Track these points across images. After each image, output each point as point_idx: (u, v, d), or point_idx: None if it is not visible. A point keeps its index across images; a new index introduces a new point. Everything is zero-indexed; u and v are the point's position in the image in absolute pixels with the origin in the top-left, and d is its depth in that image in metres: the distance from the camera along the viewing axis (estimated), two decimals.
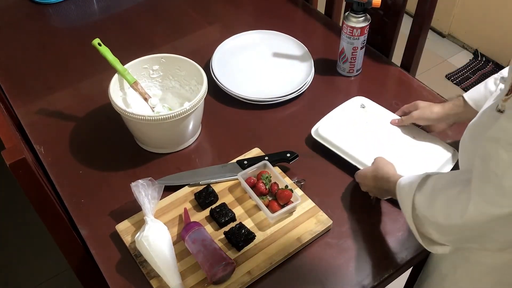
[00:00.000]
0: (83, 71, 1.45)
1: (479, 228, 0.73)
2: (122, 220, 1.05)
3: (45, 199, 1.00)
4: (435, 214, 0.80)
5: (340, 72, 1.41)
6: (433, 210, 0.80)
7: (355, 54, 1.35)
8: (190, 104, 1.11)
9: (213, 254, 0.95)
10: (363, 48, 1.36)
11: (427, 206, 0.82)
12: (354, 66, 1.38)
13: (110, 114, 1.21)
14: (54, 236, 1.06)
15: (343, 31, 1.33)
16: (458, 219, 0.74)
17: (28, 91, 1.39)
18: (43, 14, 1.67)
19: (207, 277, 0.95)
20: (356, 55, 1.36)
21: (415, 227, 0.86)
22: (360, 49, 1.35)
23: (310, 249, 1.03)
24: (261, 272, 0.97)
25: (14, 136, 1.01)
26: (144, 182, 1.01)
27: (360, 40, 1.33)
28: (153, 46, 1.51)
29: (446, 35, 2.95)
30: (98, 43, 1.20)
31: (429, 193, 0.82)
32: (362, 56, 1.38)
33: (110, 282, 0.98)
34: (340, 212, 1.08)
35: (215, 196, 1.08)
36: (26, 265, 1.96)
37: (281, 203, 1.05)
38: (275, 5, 1.69)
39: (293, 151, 1.16)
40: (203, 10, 1.68)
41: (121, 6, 1.70)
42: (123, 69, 1.21)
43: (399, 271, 1.02)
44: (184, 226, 1.02)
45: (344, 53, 1.36)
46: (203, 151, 1.23)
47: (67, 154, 1.21)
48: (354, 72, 1.40)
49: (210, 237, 1.00)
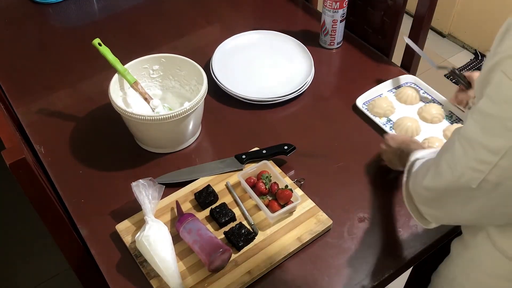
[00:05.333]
0: (83, 71, 1.45)
1: (436, 194, 0.77)
2: (122, 220, 1.05)
3: (45, 199, 1.00)
4: (416, 182, 0.84)
5: (322, 45, 1.50)
6: (415, 180, 0.85)
7: (335, 27, 1.44)
8: (190, 104, 1.11)
9: (209, 243, 0.96)
10: (343, 21, 1.44)
11: (413, 178, 0.87)
12: (335, 38, 1.47)
13: (110, 114, 1.21)
14: (54, 236, 1.06)
15: (324, 4, 1.43)
16: (423, 183, 0.79)
17: (28, 91, 1.39)
18: (43, 14, 1.67)
19: (205, 265, 0.95)
20: (336, 28, 1.45)
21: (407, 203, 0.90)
22: (340, 22, 1.44)
23: (310, 249, 1.03)
24: (261, 272, 0.97)
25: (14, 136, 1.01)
26: (145, 182, 1.01)
27: (339, 13, 1.42)
28: (153, 46, 1.51)
29: (446, 35, 2.95)
30: (98, 43, 1.20)
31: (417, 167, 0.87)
32: (342, 30, 1.47)
33: (110, 282, 0.98)
34: (340, 212, 1.08)
35: (215, 196, 1.08)
36: (26, 265, 1.96)
37: (281, 203, 1.05)
38: (275, 5, 1.69)
39: (290, 143, 1.16)
40: (203, 10, 1.68)
41: (121, 6, 1.70)
42: (123, 69, 1.21)
43: (399, 271, 1.02)
44: (177, 218, 1.03)
45: (325, 26, 1.45)
46: (203, 150, 1.23)
47: (67, 154, 1.21)
48: (334, 45, 1.49)
49: (205, 226, 1.00)
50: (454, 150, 0.69)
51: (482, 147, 0.64)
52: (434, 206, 0.82)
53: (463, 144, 0.68)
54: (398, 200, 1.12)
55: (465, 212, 0.75)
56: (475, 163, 0.66)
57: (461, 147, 0.68)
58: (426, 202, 0.83)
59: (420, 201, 0.85)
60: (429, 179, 0.77)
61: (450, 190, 0.73)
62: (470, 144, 0.66)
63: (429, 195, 0.79)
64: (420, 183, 0.80)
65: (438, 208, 0.81)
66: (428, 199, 0.81)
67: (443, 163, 0.73)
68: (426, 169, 0.79)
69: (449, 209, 0.78)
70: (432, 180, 0.76)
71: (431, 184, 0.77)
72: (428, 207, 0.84)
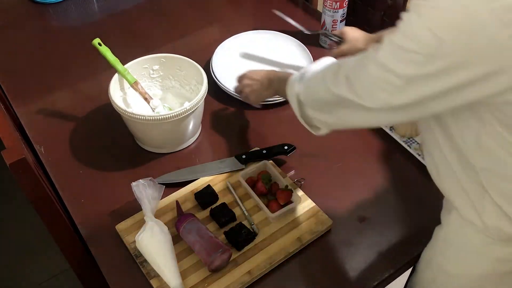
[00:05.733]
0: (83, 71, 1.45)
1: (339, 99, 0.83)
2: (122, 220, 1.05)
3: (45, 199, 1.00)
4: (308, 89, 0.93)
5: (322, 45, 1.50)
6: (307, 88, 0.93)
7: (335, 27, 1.46)
8: (190, 104, 1.11)
9: (209, 243, 0.96)
10: (343, 21, 1.45)
11: (306, 86, 0.93)
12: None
13: (110, 114, 1.21)
14: (54, 236, 1.07)
15: (324, 4, 1.43)
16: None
17: (28, 91, 1.39)
18: (43, 14, 1.67)
19: (205, 265, 0.95)
20: (336, 28, 1.46)
21: (299, 113, 0.96)
22: (340, 22, 1.45)
23: (310, 249, 1.03)
24: (261, 272, 0.97)
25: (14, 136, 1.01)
26: (145, 182, 1.01)
27: (339, 13, 1.43)
28: (153, 46, 1.51)
29: None
30: (98, 43, 1.20)
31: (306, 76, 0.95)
32: None
33: (110, 282, 0.98)
34: (340, 212, 1.08)
35: (215, 196, 1.08)
36: (26, 265, 1.96)
37: (281, 203, 1.05)
38: (275, 5, 1.69)
39: (290, 143, 1.16)
40: (203, 10, 1.68)
41: (121, 6, 1.70)
42: (123, 69, 1.21)
43: (399, 271, 1.02)
44: (177, 218, 1.03)
45: (325, 26, 1.47)
46: (203, 150, 1.23)
47: (67, 154, 1.21)
48: (334, 45, 1.47)
49: (205, 226, 1.01)
50: (368, 69, 0.76)
51: (391, 72, 0.72)
52: (328, 111, 0.88)
53: (377, 67, 0.74)
54: (398, 200, 1.12)
55: (359, 121, 0.84)
56: (385, 84, 0.73)
57: (375, 69, 0.75)
58: (323, 107, 0.89)
59: (315, 107, 0.91)
60: (338, 86, 0.82)
61: (351, 102, 0.80)
62: (383, 67, 0.73)
63: (332, 99, 0.84)
64: (327, 87, 0.85)
65: (332, 114, 0.87)
66: (327, 103, 0.87)
67: (356, 77, 0.79)
68: (333, 75, 0.84)
69: (343, 116, 0.85)
70: (340, 88, 0.82)
71: (337, 91, 0.82)
72: (321, 112, 0.90)
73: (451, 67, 0.66)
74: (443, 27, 0.64)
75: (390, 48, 0.72)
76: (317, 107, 0.91)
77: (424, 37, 0.66)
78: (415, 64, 0.68)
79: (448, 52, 0.65)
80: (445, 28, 0.64)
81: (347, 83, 0.80)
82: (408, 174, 1.18)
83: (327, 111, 0.88)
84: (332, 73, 0.84)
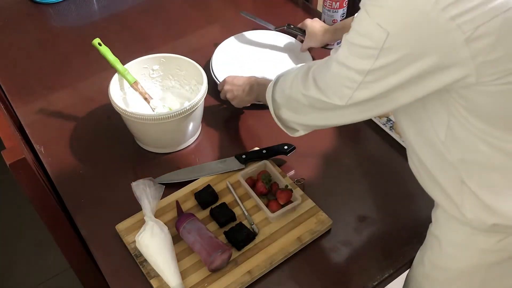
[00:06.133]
0: (83, 71, 1.45)
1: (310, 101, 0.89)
2: (122, 220, 1.05)
3: (45, 199, 1.00)
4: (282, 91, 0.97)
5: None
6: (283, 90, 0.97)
7: None
8: (190, 104, 1.11)
9: (209, 243, 0.96)
10: (342, 21, 1.43)
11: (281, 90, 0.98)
12: None
13: (110, 114, 1.21)
14: (54, 236, 1.07)
15: (324, 4, 1.44)
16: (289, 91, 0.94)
17: (28, 91, 1.39)
18: (43, 14, 1.67)
19: (205, 265, 0.96)
20: None
21: (276, 117, 1.02)
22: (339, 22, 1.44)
23: (310, 249, 1.03)
24: (261, 272, 0.97)
25: (14, 136, 1.01)
26: (145, 182, 1.01)
27: (339, 13, 1.43)
28: (153, 46, 1.51)
29: None
30: (98, 43, 1.20)
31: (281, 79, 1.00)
32: None
33: (110, 282, 0.98)
34: (340, 212, 1.08)
35: (215, 196, 1.08)
36: (26, 265, 1.96)
37: (281, 203, 1.05)
38: (275, 5, 1.69)
39: (290, 143, 1.16)
40: (203, 10, 1.68)
41: (121, 6, 1.70)
42: (123, 69, 1.21)
43: (399, 271, 1.02)
44: (177, 218, 1.03)
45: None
46: (203, 150, 1.23)
47: (67, 154, 1.21)
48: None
49: (204, 226, 1.01)
50: (331, 69, 0.81)
51: (351, 69, 0.76)
52: (302, 112, 0.93)
53: (339, 65, 0.79)
54: (398, 200, 1.12)
55: (332, 120, 0.90)
56: (347, 81, 0.78)
57: (337, 68, 0.79)
58: (296, 108, 0.94)
59: (290, 109, 0.97)
60: (308, 88, 0.87)
61: (322, 101, 0.85)
62: (343, 65, 0.77)
63: (304, 101, 0.89)
64: (298, 89, 0.90)
65: (306, 114, 0.93)
66: (300, 104, 0.91)
67: (321, 78, 0.84)
68: (303, 77, 0.89)
69: (316, 116, 0.91)
70: (310, 89, 0.87)
71: (308, 93, 0.87)
72: (296, 114, 0.96)
73: (405, 59, 0.70)
74: (390, 22, 0.69)
75: (347, 47, 0.77)
76: (291, 109, 0.97)
77: (374, 33, 0.70)
78: (370, 58, 0.73)
79: (399, 44, 0.69)
80: (392, 23, 0.68)
81: (315, 84, 0.86)
82: (409, 174, 1.17)
83: (300, 112, 0.94)
84: (302, 76, 0.90)
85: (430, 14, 0.65)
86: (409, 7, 0.66)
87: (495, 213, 0.81)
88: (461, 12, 0.64)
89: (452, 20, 0.64)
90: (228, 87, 1.22)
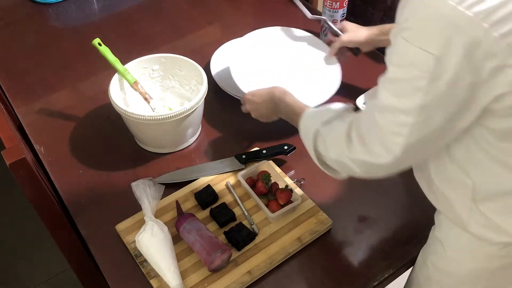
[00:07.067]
0: (83, 71, 1.45)
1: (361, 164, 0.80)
2: (122, 220, 1.05)
3: (45, 199, 1.00)
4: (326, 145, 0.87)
5: (322, 40, 1.48)
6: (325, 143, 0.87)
7: None
8: (190, 104, 1.11)
9: (209, 243, 0.96)
10: (342, 21, 1.42)
11: (324, 146, 0.88)
12: None
13: (110, 114, 1.21)
14: (54, 236, 1.07)
15: (324, 4, 1.43)
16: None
17: (28, 91, 1.40)
18: (43, 14, 1.67)
19: (205, 265, 0.96)
20: None
21: (314, 154, 0.91)
22: (340, 22, 1.43)
23: (310, 249, 1.03)
24: (261, 272, 0.97)
25: (14, 136, 1.01)
26: (145, 182, 1.02)
27: (339, 13, 1.42)
28: (153, 46, 1.51)
29: None
30: (98, 43, 1.20)
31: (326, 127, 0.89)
32: None
33: (110, 282, 0.98)
34: (340, 212, 1.08)
35: (215, 196, 1.08)
36: (26, 265, 1.96)
37: (281, 203, 1.05)
38: (275, 5, 1.69)
39: (290, 143, 1.16)
40: (203, 10, 1.68)
41: (121, 6, 1.70)
42: (123, 69, 1.21)
43: (399, 271, 1.02)
44: (177, 218, 1.03)
45: (325, 26, 1.44)
46: (203, 150, 1.23)
47: (67, 154, 1.21)
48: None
49: (205, 226, 1.01)
50: (375, 120, 0.73)
51: (397, 111, 0.69)
52: (353, 172, 0.84)
53: (382, 112, 0.72)
54: (398, 200, 1.12)
55: (381, 174, 0.82)
56: (395, 127, 0.71)
57: (379, 116, 0.72)
58: (345, 167, 0.84)
59: (333, 165, 0.88)
60: (353, 150, 0.79)
61: (369, 163, 0.77)
62: (387, 110, 0.71)
63: (352, 164, 0.81)
64: (344, 153, 0.81)
65: (356, 173, 0.84)
66: (347, 167, 0.83)
67: (366, 133, 0.76)
68: (346, 137, 0.80)
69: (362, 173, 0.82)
70: (355, 152, 0.79)
71: (353, 156, 0.79)
72: (345, 171, 0.87)
73: (457, 76, 0.64)
74: (434, 43, 0.63)
75: (387, 88, 0.71)
76: (339, 167, 0.88)
77: (419, 59, 0.64)
78: (420, 90, 0.66)
79: (449, 63, 0.63)
80: (437, 43, 0.63)
81: (361, 142, 0.77)
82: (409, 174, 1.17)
83: (348, 171, 0.85)
84: (345, 135, 0.81)
85: (475, 31, 0.61)
86: (446, 23, 0.62)
87: (505, 233, 0.80)
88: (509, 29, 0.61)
89: (502, 39, 0.61)
90: (250, 107, 1.14)
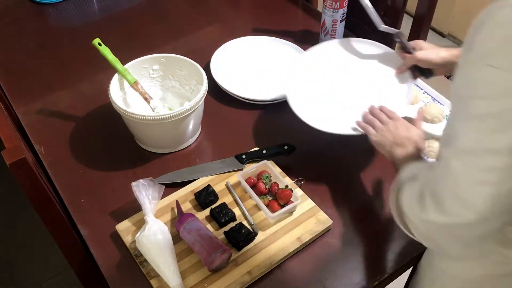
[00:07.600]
0: (83, 71, 1.45)
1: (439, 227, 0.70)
2: (122, 220, 1.05)
3: (45, 199, 1.00)
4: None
5: None
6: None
7: (335, 27, 1.44)
8: (190, 104, 1.11)
9: (209, 243, 0.96)
10: (343, 21, 1.44)
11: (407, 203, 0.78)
12: (335, 38, 1.45)
13: (110, 114, 1.21)
14: (54, 236, 1.06)
15: (324, 4, 1.41)
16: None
17: (28, 91, 1.40)
18: (43, 14, 1.67)
19: (205, 265, 0.96)
20: (336, 28, 1.44)
21: (396, 213, 0.83)
22: (340, 22, 1.43)
23: (310, 249, 1.03)
24: (261, 272, 0.97)
25: (14, 136, 1.01)
26: (145, 182, 1.02)
27: (339, 13, 1.41)
28: (153, 46, 1.51)
29: (446, 35, 2.95)
30: (98, 43, 1.20)
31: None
32: (342, 30, 1.46)
33: (110, 282, 0.98)
34: (340, 212, 1.08)
35: (215, 196, 1.08)
36: (26, 265, 1.96)
37: (281, 203, 1.05)
38: (275, 5, 1.69)
39: (290, 143, 1.16)
40: (203, 10, 1.68)
41: (121, 6, 1.70)
42: (123, 69, 1.21)
43: (399, 271, 1.02)
44: (177, 218, 1.03)
45: (325, 26, 1.45)
46: (203, 150, 1.23)
47: (67, 154, 1.21)
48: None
49: (205, 226, 1.01)
50: (452, 169, 0.62)
51: (485, 152, 0.58)
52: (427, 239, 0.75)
53: (462, 158, 0.61)
54: None
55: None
56: (481, 173, 0.59)
57: (459, 163, 0.62)
58: (422, 236, 0.75)
59: (414, 230, 0.77)
60: (426, 209, 0.68)
61: (445, 226, 0.66)
62: (471, 153, 0.60)
63: (424, 228, 0.71)
64: (416, 213, 0.71)
65: None
66: (420, 231, 0.74)
67: (441, 186, 0.66)
68: (419, 197, 0.70)
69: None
70: (428, 211, 0.68)
71: (428, 217, 0.68)
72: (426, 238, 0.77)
73: None
74: (502, 57, 0.55)
75: (471, 125, 0.60)
76: (415, 231, 0.76)
77: (492, 78, 0.56)
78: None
79: None
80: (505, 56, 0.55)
81: (434, 200, 0.66)
82: None
83: (422, 237, 0.75)
84: (417, 196, 0.71)
85: None
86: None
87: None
88: None
89: None
90: (381, 132, 1.00)
